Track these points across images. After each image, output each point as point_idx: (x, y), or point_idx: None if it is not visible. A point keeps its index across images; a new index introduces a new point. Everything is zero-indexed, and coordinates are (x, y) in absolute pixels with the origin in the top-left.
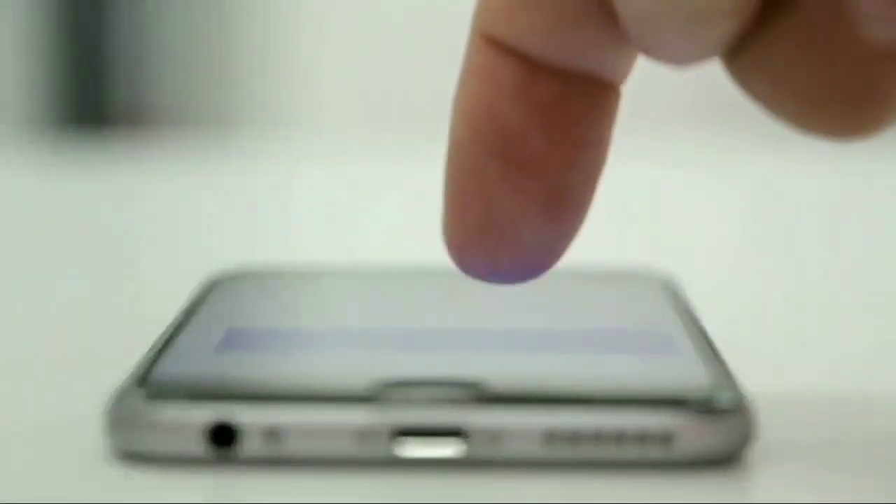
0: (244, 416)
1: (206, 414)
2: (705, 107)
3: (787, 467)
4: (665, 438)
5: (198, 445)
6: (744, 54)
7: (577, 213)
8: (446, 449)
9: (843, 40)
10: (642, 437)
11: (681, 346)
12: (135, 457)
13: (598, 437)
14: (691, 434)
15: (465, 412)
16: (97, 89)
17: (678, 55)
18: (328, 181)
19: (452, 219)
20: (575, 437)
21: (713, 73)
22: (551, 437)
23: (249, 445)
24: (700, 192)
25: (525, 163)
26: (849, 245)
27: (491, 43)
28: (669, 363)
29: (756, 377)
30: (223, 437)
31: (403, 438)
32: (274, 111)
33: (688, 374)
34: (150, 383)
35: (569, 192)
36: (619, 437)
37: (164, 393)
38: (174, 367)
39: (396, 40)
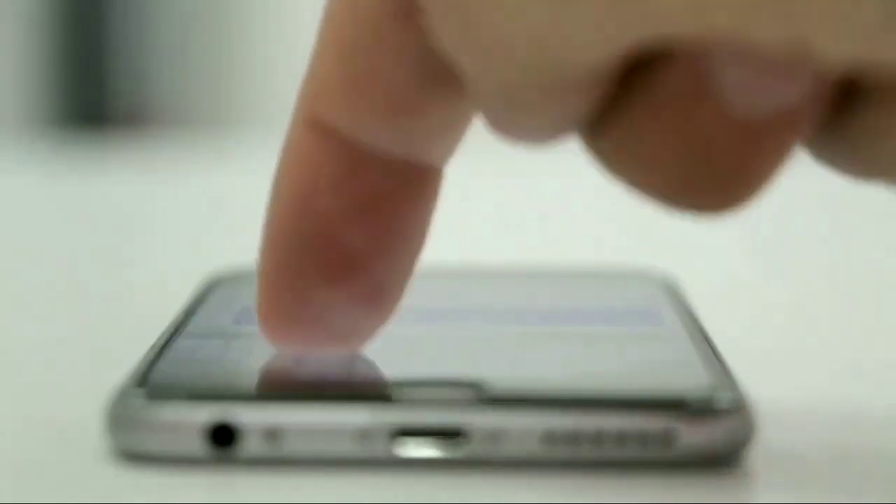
0: (244, 416)
1: (206, 414)
2: None
3: (787, 467)
4: (665, 438)
5: (198, 445)
6: (603, 133)
7: (392, 299)
8: (446, 449)
9: (708, 115)
10: (642, 438)
11: (681, 346)
12: (135, 457)
13: (598, 437)
14: (691, 434)
15: (465, 412)
16: (97, 89)
17: (532, 132)
18: None
19: (264, 303)
20: (575, 437)
21: None
22: (551, 437)
23: (249, 445)
24: None
25: (344, 257)
26: (849, 245)
27: (315, 128)
28: (669, 363)
29: (756, 377)
30: (223, 437)
31: (403, 438)
32: (273, 111)
33: (688, 375)
34: (150, 383)
35: (387, 281)
36: (619, 438)
37: (164, 393)
38: (174, 367)
39: None
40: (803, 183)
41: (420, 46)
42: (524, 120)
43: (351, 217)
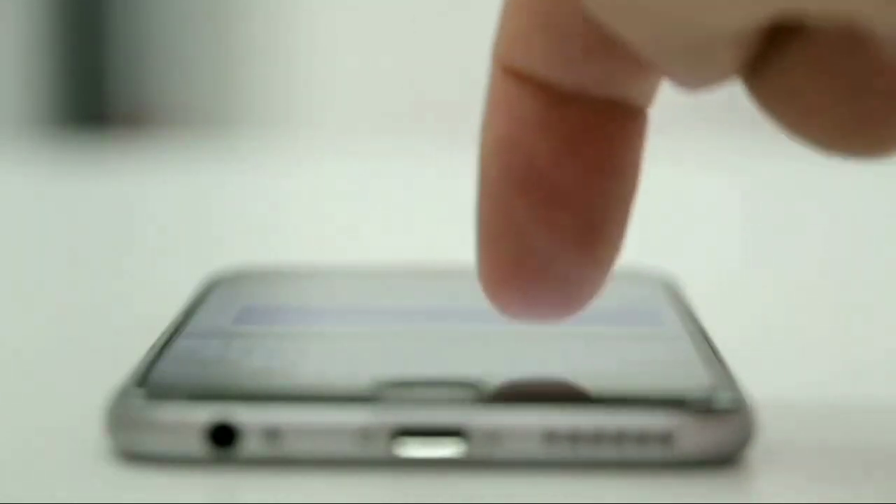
0: (244, 416)
1: (206, 414)
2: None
3: (787, 467)
4: (665, 438)
5: (198, 445)
6: (762, 77)
7: (612, 244)
8: (446, 449)
9: (860, 63)
10: (642, 437)
11: (681, 346)
12: (135, 457)
13: (598, 437)
14: (691, 434)
15: (465, 412)
16: (97, 89)
17: (693, 80)
18: (328, 181)
19: (486, 258)
20: (575, 437)
21: None
22: (551, 437)
23: (249, 445)
24: (700, 192)
25: (556, 196)
26: (849, 245)
27: (512, 74)
28: (669, 363)
29: (756, 377)
30: (223, 437)
31: (403, 438)
32: (274, 111)
33: (688, 374)
34: (150, 383)
35: (602, 222)
36: (619, 437)
37: (164, 393)
38: (174, 367)
39: (396, 40)
40: (803, 183)
41: None
42: (682, 73)
43: (558, 154)
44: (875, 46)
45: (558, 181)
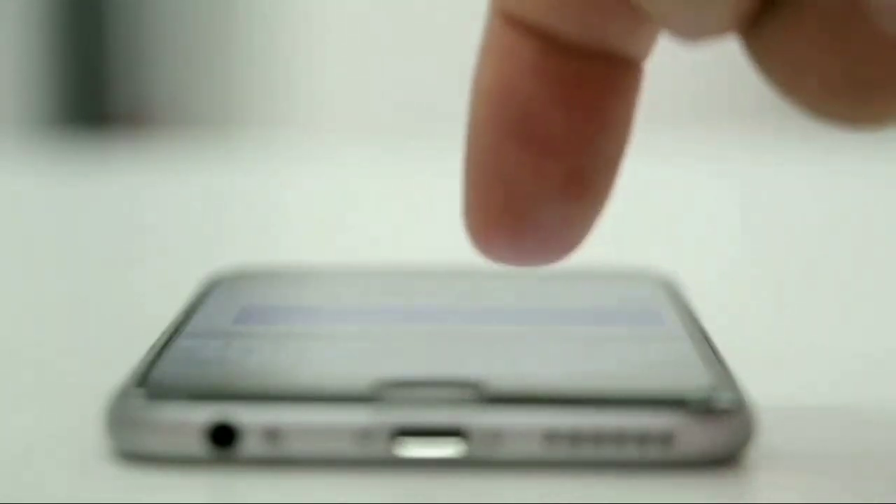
0: (244, 416)
1: (206, 414)
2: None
3: (787, 467)
4: (665, 438)
5: (198, 445)
6: (760, 34)
7: (599, 193)
8: (446, 449)
9: (857, 29)
10: (642, 437)
11: (681, 346)
12: (135, 457)
13: (598, 437)
14: (691, 434)
15: (465, 412)
16: (97, 89)
17: (690, 30)
18: (328, 181)
19: (473, 201)
20: (575, 437)
21: (714, 73)
22: (551, 437)
23: (249, 445)
24: (700, 191)
25: (546, 142)
26: (849, 245)
27: (510, 21)
28: (669, 363)
29: (756, 377)
30: (223, 437)
31: (403, 438)
32: (274, 111)
33: (688, 374)
34: (150, 383)
35: (591, 172)
36: (619, 437)
37: (164, 393)
38: (174, 367)
39: (396, 41)
40: (804, 183)
41: None
42: (680, 21)
43: (551, 100)
44: (871, 12)
45: (549, 129)
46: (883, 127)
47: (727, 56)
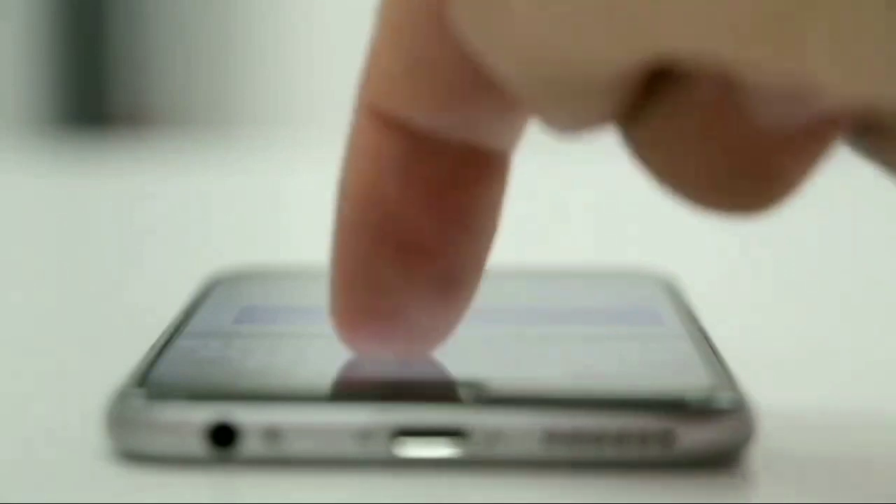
0: (244, 416)
1: (206, 414)
2: None
3: (787, 468)
4: (665, 438)
5: (198, 445)
6: (636, 126)
7: (469, 290)
8: (446, 449)
9: (735, 123)
10: (642, 437)
11: (681, 346)
12: (135, 457)
13: (598, 437)
14: (691, 434)
15: (464, 412)
16: (97, 89)
17: (567, 123)
18: (328, 181)
19: (338, 300)
20: (575, 437)
21: None
22: (551, 437)
23: (249, 445)
24: None
25: (414, 246)
26: (849, 245)
27: (377, 117)
28: (669, 363)
29: (756, 377)
30: (223, 437)
31: (403, 438)
32: (273, 110)
33: (688, 374)
34: (150, 383)
35: (460, 271)
36: (619, 437)
37: (164, 393)
38: (174, 367)
39: None
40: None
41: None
42: (555, 114)
43: (418, 203)
44: (749, 102)
45: (417, 229)
46: (760, 215)
47: None
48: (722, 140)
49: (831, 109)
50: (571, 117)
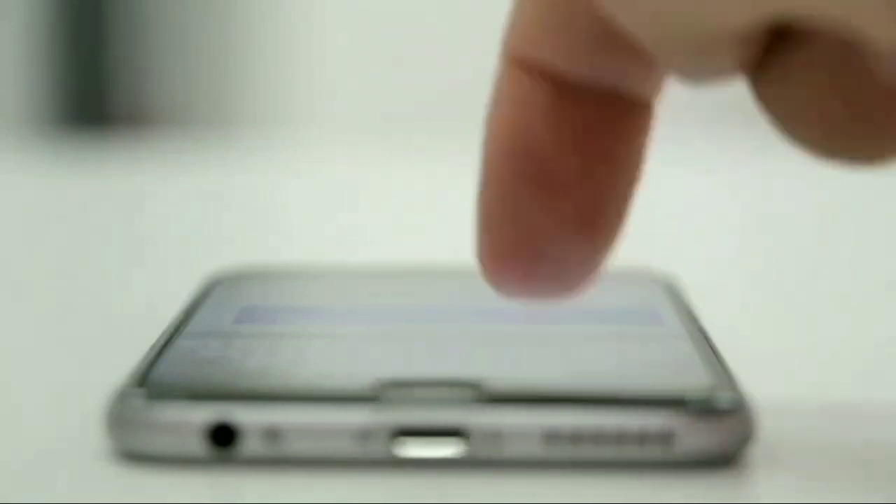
0: (244, 416)
1: (206, 414)
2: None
3: (787, 467)
4: (665, 438)
5: (198, 445)
6: (765, 77)
7: (612, 230)
8: (446, 449)
9: (856, 73)
10: (642, 437)
11: (681, 346)
12: (135, 457)
13: (598, 437)
14: (691, 434)
15: (465, 412)
16: (97, 89)
17: (697, 74)
18: (328, 181)
19: (485, 239)
20: (575, 437)
21: None
22: (551, 437)
23: (249, 445)
24: (700, 192)
25: (559, 185)
26: (849, 245)
27: (522, 66)
28: (669, 363)
29: (756, 377)
30: (223, 437)
31: (403, 438)
32: (274, 111)
33: (688, 374)
34: (150, 383)
35: (603, 210)
36: (619, 437)
37: (164, 393)
38: (174, 367)
39: (396, 41)
40: (804, 182)
41: None
42: (685, 66)
43: (564, 146)
44: (873, 56)
45: (561, 170)
46: (883, 166)
47: None
48: (845, 94)
49: None
50: (701, 70)
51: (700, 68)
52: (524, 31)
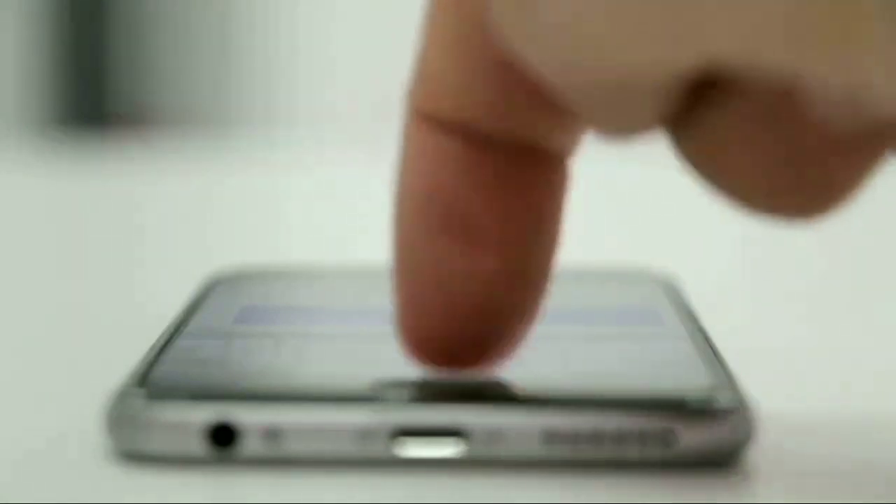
0: (244, 416)
1: (206, 414)
2: None
3: (787, 468)
4: (665, 438)
5: (198, 445)
6: (687, 131)
7: (534, 292)
8: (446, 449)
9: (793, 127)
10: (642, 437)
11: (681, 346)
12: (135, 457)
13: (598, 437)
14: (691, 434)
15: (465, 412)
16: (97, 89)
17: (615, 129)
18: (328, 181)
19: (409, 310)
20: (575, 437)
21: None
22: (551, 437)
23: (249, 445)
24: (700, 192)
25: (480, 237)
26: (850, 245)
27: (433, 121)
28: (669, 363)
29: (756, 377)
30: (223, 437)
31: (403, 438)
32: (274, 111)
33: (688, 374)
34: (150, 383)
35: (524, 270)
36: (619, 438)
37: (164, 393)
38: (174, 367)
39: (396, 41)
40: None
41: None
42: (602, 119)
43: (480, 200)
44: (805, 108)
45: (480, 227)
46: (811, 221)
47: None
48: (774, 146)
49: (887, 116)
50: (619, 123)
51: (618, 121)
52: (430, 87)
